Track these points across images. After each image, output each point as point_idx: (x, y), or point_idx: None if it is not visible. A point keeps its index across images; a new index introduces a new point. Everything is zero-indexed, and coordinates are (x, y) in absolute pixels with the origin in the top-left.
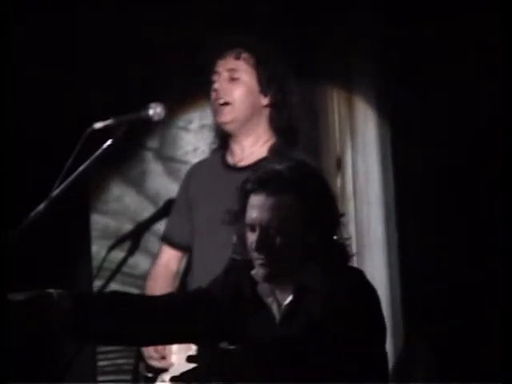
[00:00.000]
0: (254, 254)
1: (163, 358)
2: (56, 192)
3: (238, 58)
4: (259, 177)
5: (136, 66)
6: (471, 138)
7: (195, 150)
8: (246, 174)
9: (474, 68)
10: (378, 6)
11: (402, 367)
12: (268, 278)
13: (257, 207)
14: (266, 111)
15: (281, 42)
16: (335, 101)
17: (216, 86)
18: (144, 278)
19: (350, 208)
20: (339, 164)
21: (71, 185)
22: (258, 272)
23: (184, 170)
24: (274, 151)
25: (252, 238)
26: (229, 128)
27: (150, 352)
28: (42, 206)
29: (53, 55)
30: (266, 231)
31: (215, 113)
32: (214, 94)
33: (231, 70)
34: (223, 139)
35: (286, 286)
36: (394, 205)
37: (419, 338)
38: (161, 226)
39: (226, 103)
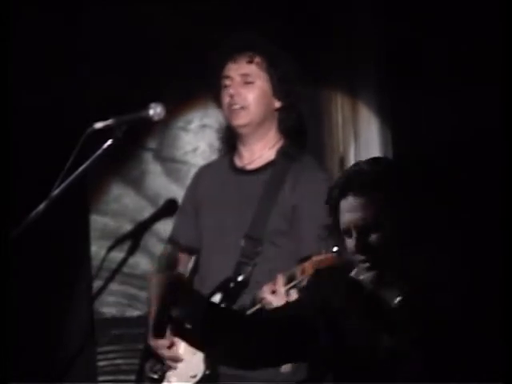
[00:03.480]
0: (357, 257)
1: (171, 346)
2: (56, 192)
3: (250, 62)
4: (343, 180)
5: (136, 65)
6: (472, 140)
7: (195, 150)
8: (255, 177)
9: (476, 71)
10: (379, 9)
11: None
12: (377, 280)
13: (347, 210)
14: (277, 114)
15: (284, 44)
16: (339, 103)
17: (231, 91)
18: (143, 277)
19: None
20: (342, 163)
21: (71, 185)
22: (364, 277)
23: (184, 170)
24: (282, 154)
25: (350, 243)
26: (243, 131)
27: (159, 343)
28: (42, 206)
29: (53, 53)
30: (362, 232)
31: (229, 116)
32: (228, 99)
33: (244, 75)
34: (231, 143)
35: (391, 285)
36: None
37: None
38: (160, 227)
39: (242, 108)
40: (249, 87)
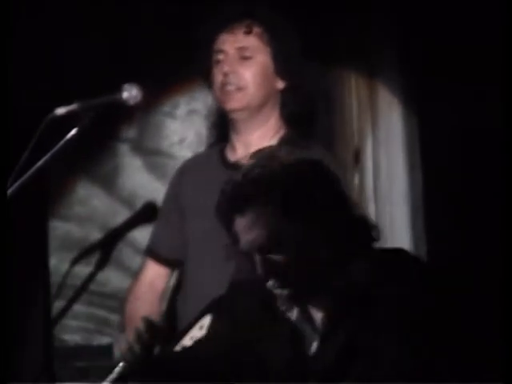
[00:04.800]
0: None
1: None
2: (8, 192)
3: (248, 32)
4: (226, 199)
5: (111, 41)
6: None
7: (182, 140)
8: None
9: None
10: None
11: None
12: (291, 299)
13: (240, 232)
14: (279, 96)
15: (295, 20)
16: (353, 84)
17: (225, 68)
18: (115, 297)
19: (369, 210)
20: (357, 157)
21: (27, 183)
22: (277, 293)
23: (169, 165)
24: (284, 145)
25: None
26: (239, 117)
27: None
28: None
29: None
30: (262, 253)
31: (223, 98)
32: (221, 78)
33: (241, 49)
34: (221, 131)
35: (318, 298)
36: (421, 206)
37: None
38: (138, 235)
39: (238, 88)
40: (246, 63)
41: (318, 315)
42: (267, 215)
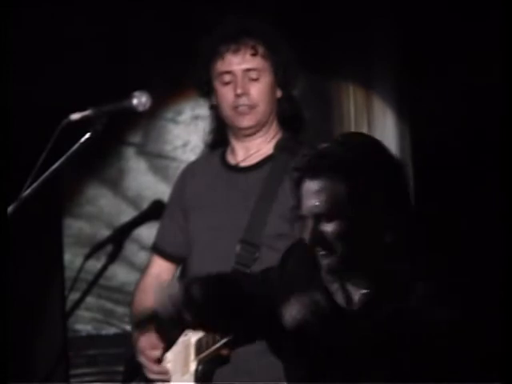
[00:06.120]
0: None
1: (159, 361)
2: (27, 193)
3: (254, 54)
4: (306, 161)
5: (120, 50)
6: (494, 134)
7: (185, 144)
8: (251, 174)
9: (497, 63)
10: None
11: None
12: (332, 270)
13: (304, 196)
14: (277, 103)
15: (290, 29)
16: (351, 91)
17: (238, 91)
18: (121, 291)
19: None
20: None
21: (44, 185)
22: (321, 263)
23: (172, 167)
24: (281, 147)
25: (307, 230)
26: (249, 132)
27: (150, 354)
28: (11, 209)
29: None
30: (317, 220)
31: (235, 117)
32: (232, 98)
33: (248, 70)
34: (222, 137)
35: (359, 277)
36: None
37: None
38: (142, 232)
39: (250, 107)
40: (255, 84)
41: (356, 294)
42: (333, 185)
